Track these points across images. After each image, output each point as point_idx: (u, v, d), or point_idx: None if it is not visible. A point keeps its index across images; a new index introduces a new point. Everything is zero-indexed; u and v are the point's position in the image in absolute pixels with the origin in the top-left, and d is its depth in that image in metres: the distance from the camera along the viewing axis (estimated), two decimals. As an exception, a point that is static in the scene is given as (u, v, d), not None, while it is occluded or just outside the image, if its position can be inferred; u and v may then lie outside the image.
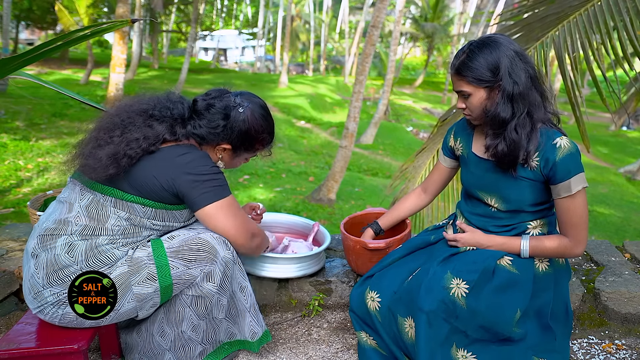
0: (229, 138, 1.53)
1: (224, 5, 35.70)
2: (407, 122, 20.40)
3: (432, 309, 1.42)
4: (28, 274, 1.41)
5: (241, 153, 1.61)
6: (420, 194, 1.90)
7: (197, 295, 1.51)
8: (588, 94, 15.10)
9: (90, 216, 1.41)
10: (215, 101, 1.52)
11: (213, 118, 1.50)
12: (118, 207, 1.42)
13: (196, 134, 1.51)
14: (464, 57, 1.44)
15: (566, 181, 1.43)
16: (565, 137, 1.46)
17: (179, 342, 1.55)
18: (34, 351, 1.36)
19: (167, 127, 1.45)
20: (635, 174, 14.27)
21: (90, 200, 1.42)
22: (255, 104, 1.57)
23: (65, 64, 23.01)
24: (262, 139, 1.60)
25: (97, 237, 1.40)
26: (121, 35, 8.99)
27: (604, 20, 2.53)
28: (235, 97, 1.55)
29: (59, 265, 1.37)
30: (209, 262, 1.49)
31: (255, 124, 1.54)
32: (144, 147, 1.40)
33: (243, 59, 45.79)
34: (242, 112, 1.52)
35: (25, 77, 1.91)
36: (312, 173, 11.60)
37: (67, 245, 1.38)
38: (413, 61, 43.61)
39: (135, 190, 1.42)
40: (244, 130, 1.53)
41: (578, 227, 1.47)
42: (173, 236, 1.49)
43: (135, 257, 1.42)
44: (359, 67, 8.79)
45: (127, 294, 1.41)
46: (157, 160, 1.42)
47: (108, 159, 1.37)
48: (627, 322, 1.94)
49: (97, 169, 1.38)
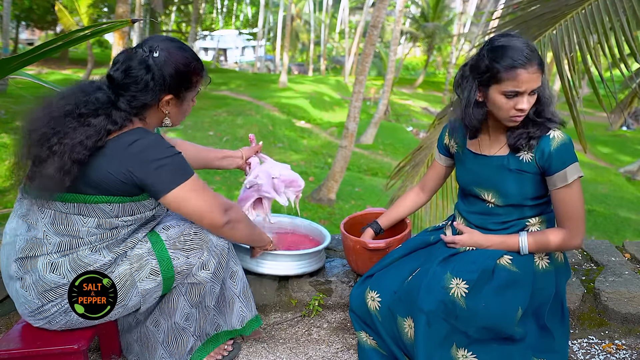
0: (165, 86, 1.38)
1: (224, 5, 35.70)
2: (407, 122, 20.40)
3: (431, 309, 1.43)
4: (17, 296, 1.38)
5: (185, 95, 1.45)
6: (418, 192, 1.91)
7: (191, 283, 1.52)
8: (587, 93, 15.08)
9: (59, 232, 1.34)
10: (128, 63, 1.36)
11: (137, 79, 1.35)
12: (83, 214, 1.34)
13: (134, 106, 1.37)
14: (529, 50, 1.39)
15: (562, 171, 1.44)
16: (558, 129, 1.48)
17: (172, 334, 1.56)
18: (34, 351, 1.36)
19: (104, 117, 1.31)
20: (635, 174, 14.27)
21: (52, 216, 1.34)
22: (165, 41, 1.41)
23: (65, 64, 23.03)
24: (195, 69, 1.44)
25: (77, 250, 1.35)
26: (121, 35, 8.99)
27: (600, 20, 2.53)
28: (142, 47, 1.38)
29: (49, 285, 1.34)
30: (206, 250, 1.50)
31: (178, 58, 1.39)
32: (90, 146, 1.28)
33: (243, 59, 45.79)
34: (158, 55, 1.36)
35: (25, 77, 1.92)
36: (312, 173, 11.61)
37: (49, 265, 1.33)
38: (413, 61, 43.59)
39: (96, 190, 1.32)
40: (174, 70, 1.38)
41: (575, 217, 1.48)
42: (168, 227, 1.49)
43: (135, 254, 1.42)
44: (359, 67, 8.80)
45: (132, 290, 1.42)
46: (108, 156, 1.31)
47: (58, 173, 1.26)
48: (627, 322, 1.94)
49: (51, 186, 1.28)
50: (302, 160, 12.72)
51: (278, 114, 17.02)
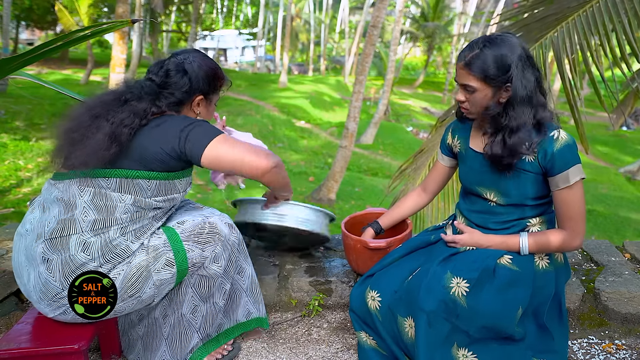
0: (199, 87, 1.59)
1: (224, 5, 35.70)
2: (407, 122, 20.40)
3: (432, 309, 1.43)
4: (38, 281, 1.39)
5: (211, 97, 1.67)
6: (420, 193, 1.91)
7: (201, 275, 1.57)
8: (588, 93, 15.09)
9: (98, 209, 1.41)
10: (167, 67, 1.57)
11: (177, 79, 1.56)
12: (123, 191, 1.43)
13: (173, 102, 1.56)
14: (477, 52, 1.42)
15: (564, 172, 1.44)
16: (563, 130, 1.48)
17: (177, 329, 1.59)
18: (34, 351, 1.36)
19: (149, 101, 1.50)
20: (635, 174, 14.27)
21: (93, 193, 1.42)
22: (193, 52, 1.65)
23: (65, 64, 23.04)
24: (220, 73, 1.67)
25: (108, 230, 1.41)
26: (121, 35, 8.99)
27: (602, 21, 2.53)
28: (176, 56, 1.60)
29: (75, 265, 1.38)
30: (219, 244, 1.57)
31: (207, 64, 1.62)
32: (136, 121, 1.43)
33: (243, 59, 45.75)
34: (192, 61, 1.59)
35: (25, 77, 1.92)
36: (312, 173, 11.61)
37: (82, 244, 1.39)
38: (413, 61, 43.58)
39: (139, 164, 1.44)
40: (205, 73, 1.60)
41: (576, 219, 1.48)
42: (182, 221, 1.55)
43: (152, 245, 1.47)
44: (359, 67, 8.79)
45: (148, 282, 1.45)
46: (152, 130, 1.46)
47: (107, 139, 1.38)
48: (627, 322, 1.94)
49: (98, 153, 1.38)
50: (302, 161, 12.72)
51: (278, 114, 17.03)
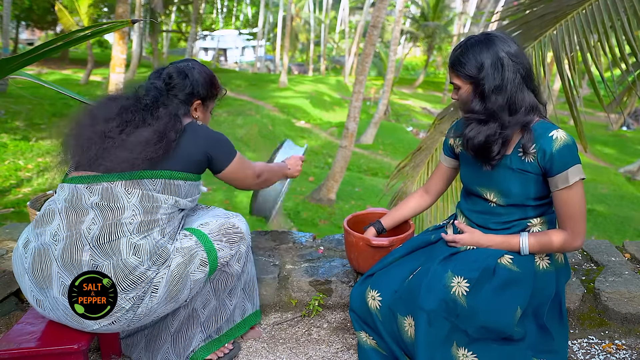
0: (198, 92, 1.65)
1: (224, 5, 35.69)
2: (407, 122, 20.40)
3: (432, 308, 1.43)
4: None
5: (208, 103, 1.72)
6: (422, 194, 1.91)
7: (222, 271, 1.63)
8: (588, 93, 15.08)
9: (146, 211, 1.42)
10: (168, 71, 1.62)
11: (179, 81, 1.61)
12: (167, 192, 1.46)
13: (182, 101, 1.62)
14: (459, 52, 1.49)
15: (563, 172, 1.44)
16: (562, 130, 1.48)
17: (185, 325, 1.61)
18: (34, 351, 1.36)
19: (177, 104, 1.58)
20: (635, 174, 14.28)
21: (141, 195, 1.42)
22: (192, 60, 1.73)
23: (65, 64, 23.03)
24: (216, 82, 1.74)
25: (152, 232, 1.43)
26: (121, 36, 8.99)
27: (601, 19, 2.53)
28: (175, 64, 1.67)
29: (128, 269, 1.36)
30: (243, 243, 1.64)
31: (205, 71, 1.69)
32: (178, 124, 1.48)
33: (243, 59, 45.74)
34: (191, 68, 1.66)
35: (25, 77, 1.91)
36: (312, 173, 11.62)
37: (132, 247, 1.38)
38: (413, 61, 43.56)
39: (181, 166, 1.48)
40: (204, 79, 1.66)
41: (576, 219, 1.48)
42: (205, 223, 1.59)
43: (185, 246, 1.49)
44: (359, 67, 8.80)
45: (187, 284, 1.47)
46: (188, 134, 1.51)
47: (157, 140, 1.41)
48: (627, 322, 1.94)
49: (146, 154, 1.40)
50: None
51: (278, 113, 17.03)
